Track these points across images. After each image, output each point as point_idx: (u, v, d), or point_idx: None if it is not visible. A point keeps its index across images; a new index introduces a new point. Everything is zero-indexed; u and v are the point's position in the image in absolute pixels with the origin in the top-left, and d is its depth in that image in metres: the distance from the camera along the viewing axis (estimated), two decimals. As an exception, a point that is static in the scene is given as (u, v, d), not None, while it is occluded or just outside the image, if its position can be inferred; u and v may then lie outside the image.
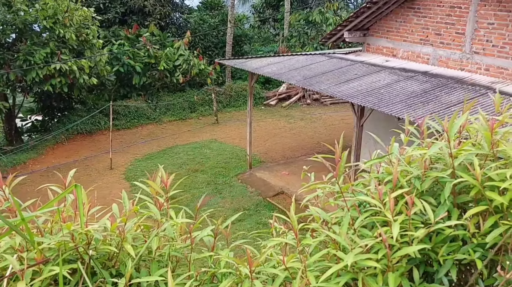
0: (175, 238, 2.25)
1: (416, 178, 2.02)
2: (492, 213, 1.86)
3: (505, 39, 10.14)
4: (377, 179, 2.20)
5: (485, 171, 1.88)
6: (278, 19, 27.53)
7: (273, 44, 26.09)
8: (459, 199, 1.97)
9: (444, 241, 1.92)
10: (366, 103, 10.16)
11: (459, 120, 2.08)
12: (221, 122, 19.90)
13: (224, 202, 12.82)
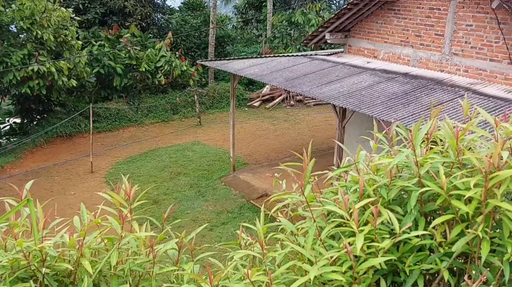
0: (138, 252, 2.16)
1: (383, 187, 2.00)
2: (458, 222, 1.86)
3: (483, 41, 10.23)
4: (344, 188, 2.17)
5: (451, 179, 1.88)
6: (261, 20, 27.51)
7: (256, 45, 26.05)
8: (426, 208, 1.96)
9: (411, 250, 1.90)
10: (348, 105, 10.17)
11: (424, 128, 2.05)
12: (204, 124, 19.78)
13: (207, 205, 12.72)
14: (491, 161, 1.75)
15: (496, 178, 1.75)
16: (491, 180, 1.75)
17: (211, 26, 22.11)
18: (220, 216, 12.09)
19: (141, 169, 15.09)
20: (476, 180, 1.78)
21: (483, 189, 1.76)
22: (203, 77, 22.64)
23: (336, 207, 1.97)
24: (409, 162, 1.99)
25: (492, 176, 1.75)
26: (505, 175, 1.73)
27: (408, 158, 2.00)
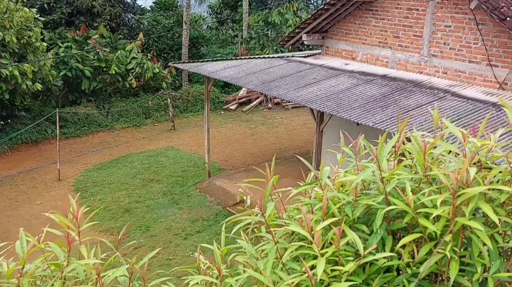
0: (85, 280, 2.05)
1: (347, 205, 1.94)
2: (427, 241, 1.81)
3: (462, 42, 10.04)
4: (308, 206, 2.08)
5: (418, 196, 1.83)
6: (237, 20, 27.03)
7: (232, 46, 25.55)
8: (393, 226, 1.90)
9: (378, 271, 1.85)
10: (325, 108, 9.84)
11: (390, 143, 1.98)
12: (178, 128, 19.18)
13: (181, 213, 12.19)
14: (458, 178, 1.71)
15: (464, 196, 1.70)
16: (459, 197, 1.71)
17: (185, 27, 21.51)
18: (195, 224, 11.59)
19: (111, 176, 14.45)
20: (444, 197, 1.72)
21: (451, 207, 1.72)
22: (176, 79, 22.02)
23: (299, 227, 1.88)
24: (376, 178, 1.93)
25: (460, 193, 1.71)
26: (473, 192, 1.69)
27: (374, 174, 1.94)
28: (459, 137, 1.92)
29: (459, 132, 1.92)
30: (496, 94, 9.54)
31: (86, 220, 2.28)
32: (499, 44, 9.46)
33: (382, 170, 1.89)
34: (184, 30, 21.43)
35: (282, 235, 1.96)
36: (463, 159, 1.80)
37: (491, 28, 9.51)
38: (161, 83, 19.88)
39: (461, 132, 1.91)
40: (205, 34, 25.40)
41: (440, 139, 1.92)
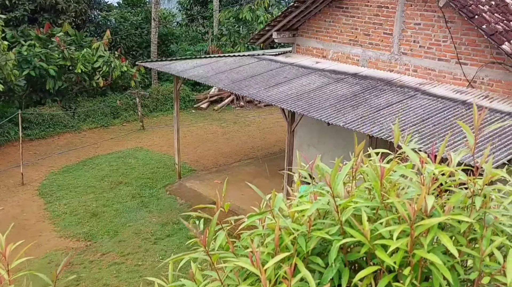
0: None
1: (301, 236, 1.84)
2: (385, 273, 1.74)
3: (431, 40, 10.03)
4: (260, 237, 1.96)
5: (376, 226, 1.76)
6: (207, 16, 26.64)
7: (202, 43, 25.16)
8: (350, 257, 1.84)
9: None
10: (296, 108, 9.70)
11: (345, 169, 1.91)
12: (147, 128, 18.74)
13: (151, 216, 11.86)
14: (415, 208, 1.66)
15: (422, 227, 1.66)
16: (417, 227, 1.66)
17: (153, 24, 21.02)
18: (165, 227, 11.29)
19: (78, 179, 13.97)
20: (401, 228, 1.66)
21: (409, 239, 1.66)
22: (145, 78, 21.52)
23: (248, 263, 1.76)
24: (330, 206, 1.86)
25: (418, 224, 1.66)
26: (430, 223, 1.64)
27: (328, 203, 1.87)
28: (416, 162, 1.85)
29: (416, 157, 1.86)
30: (465, 92, 9.57)
31: (20, 253, 1.99)
32: (468, 42, 9.49)
33: (336, 198, 1.83)
34: (153, 28, 20.94)
35: (232, 269, 1.87)
36: (421, 186, 1.75)
37: (459, 26, 9.52)
38: (130, 82, 19.37)
39: (418, 157, 1.85)
40: (175, 31, 24.91)
41: (397, 164, 1.84)
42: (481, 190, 1.78)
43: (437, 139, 7.99)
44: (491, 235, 1.72)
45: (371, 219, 1.82)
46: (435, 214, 1.71)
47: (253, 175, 14.42)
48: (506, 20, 9.20)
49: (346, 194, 1.89)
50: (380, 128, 8.56)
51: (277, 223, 1.82)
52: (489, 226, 1.74)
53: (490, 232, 1.73)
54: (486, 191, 1.78)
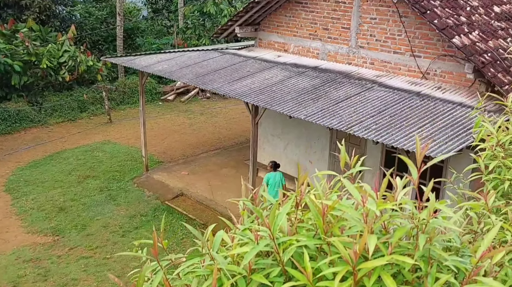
0: None
1: (241, 279, 1.74)
2: None
3: (387, 34, 10.49)
4: (199, 278, 1.86)
5: (320, 266, 1.68)
6: (173, 10, 26.63)
7: (168, 36, 25.18)
8: None
9: None
10: (259, 102, 10.03)
11: (285, 208, 1.79)
12: (115, 121, 18.78)
13: (118, 209, 12.05)
14: (357, 250, 1.57)
15: (364, 270, 1.58)
16: (360, 270, 1.59)
17: (118, 18, 20.95)
18: (133, 220, 11.50)
19: (45, 174, 13.99)
20: (344, 270, 1.59)
21: (351, 282, 1.59)
22: (112, 71, 21.48)
23: None
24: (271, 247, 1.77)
25: (360, 267, 1.58)
26: (373, 265, 1.57)
27: (269, 244, 1.76)
28: (358, 200, 1.78)
29: (358, 195, 1.78)
30: (419, 83, 10.08)
31: None
32: (421, 35, 9.98)
33: (279, 233, 1.76)
34: (118, 22, 20.87)
35: None
36: (364, 225, 1.68)
37: (413, 21, 10.00)
38: (96, 76, 19.32)
39: (360, 195, 1.77)
40: (140, 25, 24.85)
41: (339, 202, 1.76)
42: (425, 225, 1.70)
43: (394, 130, 8.46)
44: (436, 273, 1.66)
45: (315, 256, 1.75)
46: (379, 252, 1.66)
47: (220, 165, 14.73)
48: (456, 15, 9.72)
49: (289, 230, 1.80)
50: (339, 120, 8.97)
51: (215, 265, 1.74)
52: (434, 262, 1.69)
53: (435, 269, 1.66)
54: (430, 224, 1.71)
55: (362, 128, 8.52)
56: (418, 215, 1.73)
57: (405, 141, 7.94)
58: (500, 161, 2.32)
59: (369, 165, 11.50)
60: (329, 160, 12.35)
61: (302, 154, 12.93)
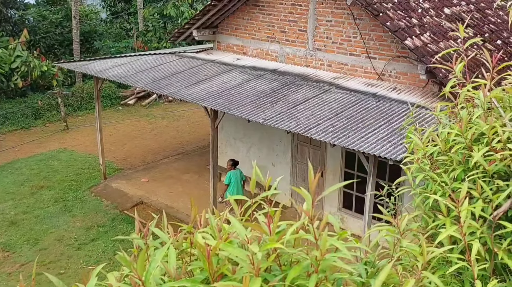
0: None
1: None
2: None
3: (342, 36, 10.52)
4: None
5: None
6: (132, 13, 26.13)
7: (128, 39, 24.68)
8: None
9: None
10: (217, 106, 9.87)
11: (159, 254, 1.57)
12: (72, 128, 18.20)
13: (74, 220, 11.62)
14: None
15: None
16: None
17: (74, 22, 20.35)
18: (89, 231, 11.11)
19: None
20: None
21: None
22: (69, 76, 20.85)
23: None
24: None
25: None
26: None
27: None
28: (244, 242, 1.63)
29: (243, 233, 1.62)
30: (375, 85, 10.14)
31: None
32: (376, 37, 10.04)
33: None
34: (74, 25, 20.27)
35: None
36: (251, 266, 1.55)
37: (367, 23, 10.05)
38: (52, 81, 18.69)
39: (248, 231, 1.61)
40: (98, 28, 24.24)
41: (223, 243, 1.61)
42: (319, 264, 1.59)
43: (350, 132, 8.46)
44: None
45: None
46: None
47: (182, 171, 14.47)
48: (408, 17, 9.83)
49: (176, 273, 1.63)
50: (297, 123, 8.91)
51: None
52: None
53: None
54: (323, 263, 1.60)
55: (319, 131, 8.49)
56: (314, 251, 1.60)
57: (361, 143, 7.95)
58: (427, 173, 2.25)
59: (330, 166, 11.51)
60: (292, 162, 12.30)
61: (264, 157, 12.83)
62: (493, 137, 2.06)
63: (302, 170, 12.09)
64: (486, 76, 2.69)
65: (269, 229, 1.60)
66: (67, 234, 10.94)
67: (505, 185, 1.89)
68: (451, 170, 2.16)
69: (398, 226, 1.78)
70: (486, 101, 2.32)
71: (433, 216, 2.06)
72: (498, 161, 1.99)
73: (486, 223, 1.82)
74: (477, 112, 2.20)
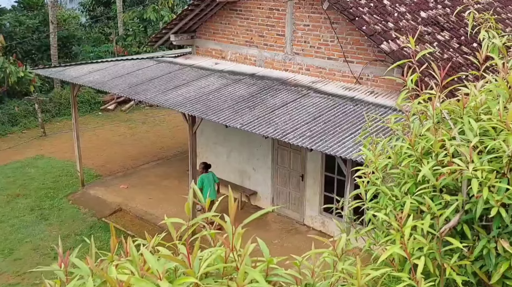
0: None
1: None
2: None
3: (320, 40, 10.53)
4: None
5: None
6: (112, 17, 25.88)
7: (107, 44, 24.41)
8: None
9: None
10: (194, 111, 9.79)
11: None
12: (50, 134, 17.89)
13: (50, 229, 11.40)
14: None
15: None
16: None
17: (51, 27, 20.05)
18: (66, 240, 10.89)
19: None
20: None
21: None
22: (47, 82, 20.52)
23: None
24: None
25: None
26: None
27: None
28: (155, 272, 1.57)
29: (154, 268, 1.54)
30: (353, 88, 10.16)
31: None
32: (353, 41, 10.07)
33: None
34: (51, 30, 19.97)
35: None
36: None
37: (344, 27, 10.07)
38: (29, 87, 18.37)
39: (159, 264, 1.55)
40: (76, 33, 23.93)
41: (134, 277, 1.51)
42: None
43: (327, 137, 8.45)
44: None
45: None
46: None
47: (162, 177, 14.31)
48: (384, 21, 9.87)
49: None
50: (275, 128, 8.88)
51: None
52: None
53: None
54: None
55: (297, 135, 8.47)
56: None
57: (338, 148, 7.95)
58: (378, 187, 2.21)
59: (310, 170, 11.49)
60: (272, 166, 12.25)
61: (245, 161, 12.76)
62: (440, 151, 2.03)
63: (282, 174, 12.06)
64: (434, 88, 2.68)
65: (188, 260, 1.52)
66: (42, 243, 10.72)
67: (454, 199, 1.85)
68: (402, 183, 2.13)
69: (334, 248, 1.72)
70: (436, 113, 2.29)
71: (386, 231, 2.02)
72: (447, 175, 1.96)
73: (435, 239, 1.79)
74: (427, 125, 2.17)
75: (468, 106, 2.32)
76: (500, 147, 1.96)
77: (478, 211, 1.86)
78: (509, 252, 1.80)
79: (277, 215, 12.11)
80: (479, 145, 2.02)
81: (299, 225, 11.61)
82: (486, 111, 2.26)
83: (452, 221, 1.77)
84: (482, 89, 2.56)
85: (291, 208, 11.91)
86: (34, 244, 10.66)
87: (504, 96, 2.26)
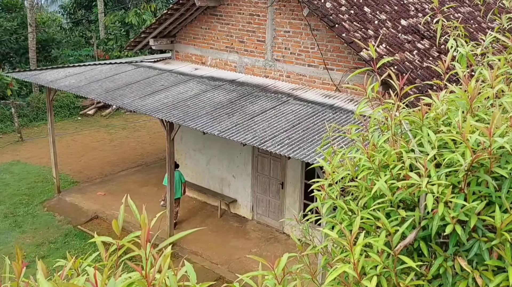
0: None
1: None
2: None
3: (300, 47, 10.45)
4: None
5: None
6: (93, 20, 25.54)
7: (88, 48, 24.08)
8: None
9: None
10: (171, 117, 9.61)
11: None
12: (27, 139, 17.52)
13: (24, 237, 11.08)
14: None
15: None
16: None
17: (30, 29, 19.68)
18: (40, 248, 10.60)
19: None
20: None
21: None
22: (25, 85, 20.12)
23: None
24: None
25: None
26: None
27: None
28: None
29: None
30: (333, 96, 10.09)
31: None
32: (333, 48, 10.00)
33: None
34: (30, 33, 19.61)
35: None
36: None
37: (324, 34, 10.01)
38: (5, 91, 17.97)
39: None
40: (56, 36, 23.55)
41: None
42: None
43: (306, 144, 8.34)
44: None
45: None
46: None
47: (141, 183, 14.08)
48: (364, 28, 9.83)
49: None
50: (253, 136, 8.74)
51: None
52: None
53: None
54: None
55: (275, 143, 8.34)
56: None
57: (316, 156, 7.84)
58: (334, 201, 2.10)
59: (290, 177, 11.38)
60: (252, 174, 12.11)
61: (225, 169, 12.60)
62: (396, 164, 1.93)
63: (262, 181, 11.92)
64: (393, 98, 2.59)
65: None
66: (15, 251, 10.38)
67: (411, 215, 1.75)
68: (360, 197, 2.02)
69: (273, 268, 1.60)
70: (394, 123, 2.19)
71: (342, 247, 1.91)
72: (404, 189, 1.86)
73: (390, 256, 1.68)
74: (385, 136, 2.07)
75: (429, 117, 2.22)
76: (457, 160, 1.87)
77: (434, 228, 1.77)
78: (466, 271, 1.72)
79: (257, 223, 11.96)
80: (438, 157, 1.93)
81: (278, 233, 11.48)
82: (447, 122, 2.17)
83: (407, 238, 1.66)
84: (443, 99, 2.47)
85: (271, 216, 11.77)
86: (6, 252, 10.31)
87: (464, 107, 2.17)
